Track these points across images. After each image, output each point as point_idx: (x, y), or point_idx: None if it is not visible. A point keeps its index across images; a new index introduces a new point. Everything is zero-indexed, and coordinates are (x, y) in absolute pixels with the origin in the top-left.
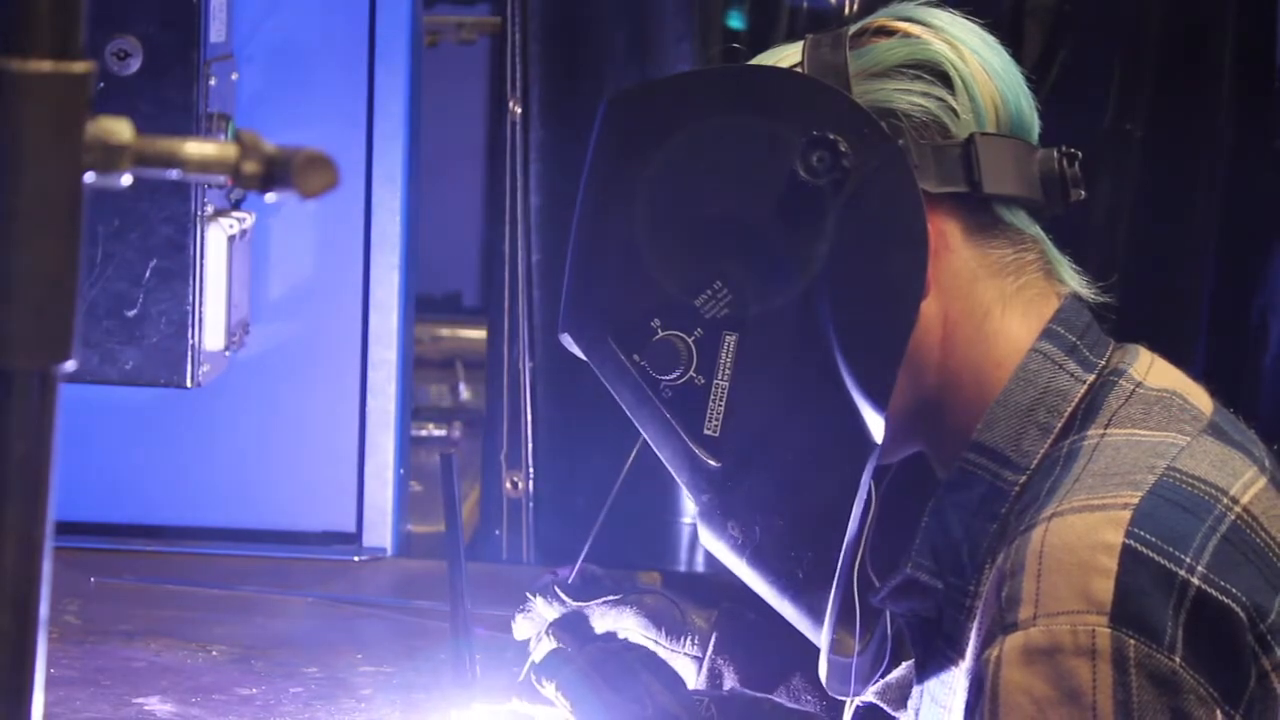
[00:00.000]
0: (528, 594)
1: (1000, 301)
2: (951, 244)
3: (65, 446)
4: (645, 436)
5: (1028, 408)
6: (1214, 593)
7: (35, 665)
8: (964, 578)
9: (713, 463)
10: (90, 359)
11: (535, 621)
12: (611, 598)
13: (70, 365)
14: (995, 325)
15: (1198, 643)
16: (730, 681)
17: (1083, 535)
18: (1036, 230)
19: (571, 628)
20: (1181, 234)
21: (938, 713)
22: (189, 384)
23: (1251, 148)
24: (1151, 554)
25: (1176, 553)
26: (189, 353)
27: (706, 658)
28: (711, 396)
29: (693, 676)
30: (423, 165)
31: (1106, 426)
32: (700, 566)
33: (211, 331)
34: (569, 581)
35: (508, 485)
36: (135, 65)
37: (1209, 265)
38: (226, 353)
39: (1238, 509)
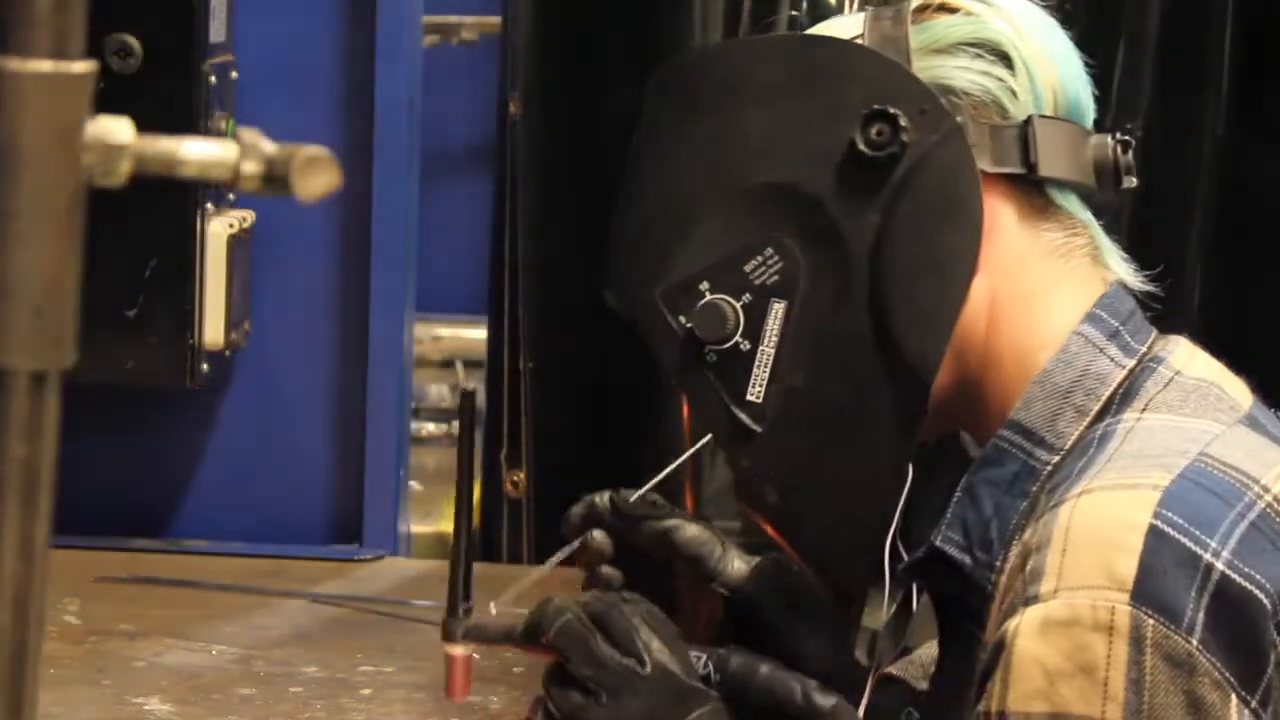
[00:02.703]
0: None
1: (1047, 284)
2: (1003, 224)
3: (65, 446)
4: (686, 400)
5: (1066, 389)
6: (1237, 578)
7: (35, 665)
8: (990, 554)
9: (754, 428)
10: (90, 359)
11: (580, 526)
12: (658, 517)
13: (70, 365)
14: (1041, 307)
15: (1217, 627)
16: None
17: (1110, 513)
18: (1087, 215)
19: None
20: (1182, 232)
21: (959, 688)
22: (189, 384)
23: (1251, 148)
24: (1177, 535)
25: (1203, 536)
26: (189, 353)
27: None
28: (756, 362)
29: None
30: (423, 165)
31: (1143, 411)
32: None
33: (211, 331)
34: (630, 500)
35: (508, 485)
36: (135, 65)
37: (1207, 262)
38: (226, 353)
39: (1269, 497)
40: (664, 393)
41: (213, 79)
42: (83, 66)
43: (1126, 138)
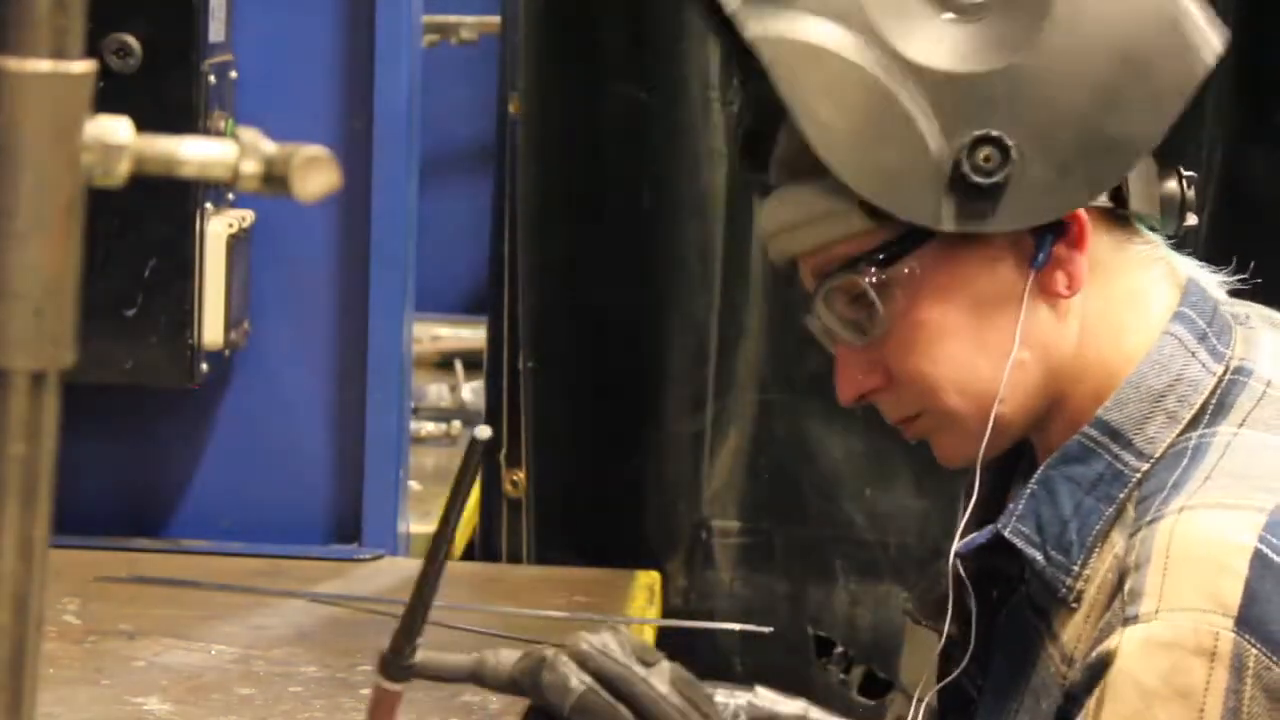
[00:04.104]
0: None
1: (1142, 291)
2: (1092, 242)
3: (65, 446)
4: None
5: (1159, 393)
6: None
7: (34, 665)
8: (1069, 557)
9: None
10: (90, 359)
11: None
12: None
13: (70, 365)
14: (1130, 315)
15: None
16: None
17: (1214, 534)
18: (1157, 237)
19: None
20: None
21: (1005, 668)
22: (189, 384)
23: (1251, 148)
24: None
25: None
26: (189, 353)
27: None
28: None
29: None
30: (423, 165)
31: (1240, 425)
32: (700, 567)
33: (211, 331)
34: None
35: (507, 485)
36: (135, 65)
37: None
38: (226, 353)
39: None
40: (663, 393)
41: (212, 79)
42: (83, 66)
43: (1192, 174)
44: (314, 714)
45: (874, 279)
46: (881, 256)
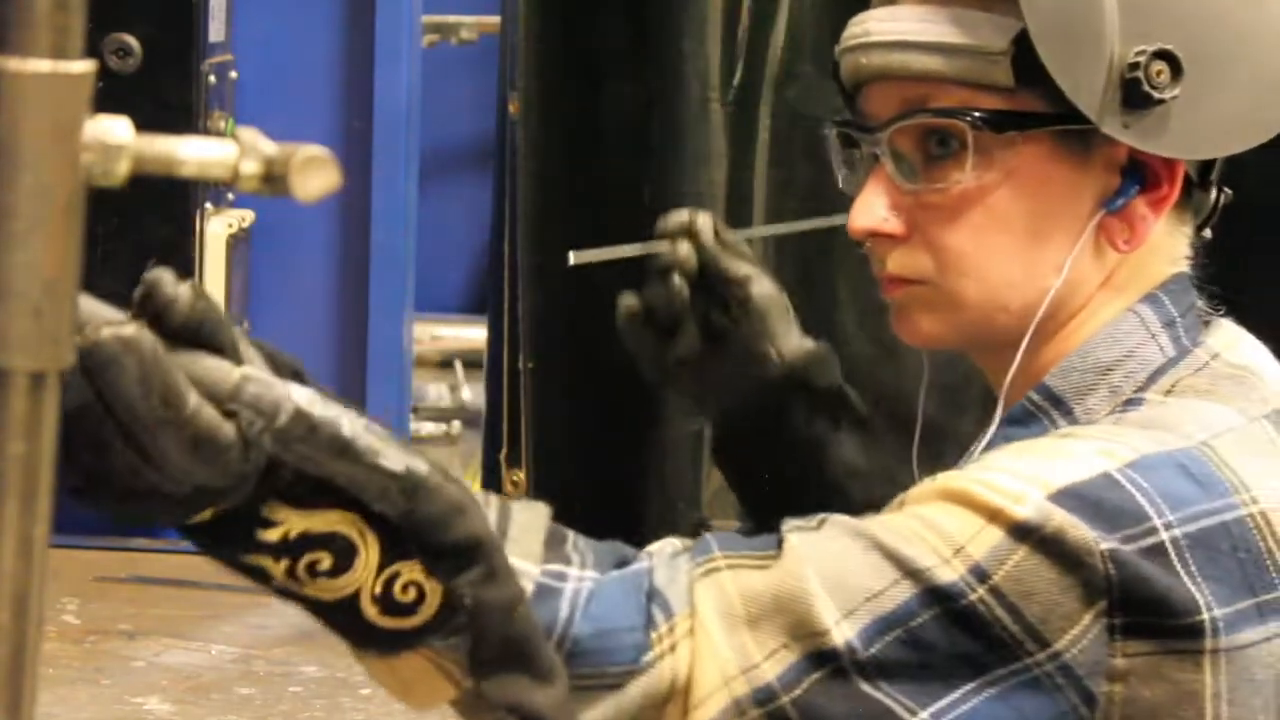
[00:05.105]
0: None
1: (1151, 280)
2: (1166, 215)
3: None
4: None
5: (1106, 366)
6: (1176, 563)
7: (34, 665)
8: None
9: None
10: None
11: (674, 231)
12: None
13: (70, 365)
14: (1130, 294)
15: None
16: None
17: (1074, 449)
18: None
19: None
20: None
21: None
22: None
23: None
24: (1132, 490)
25: (1164, 506)
26: None
27: None
28: None
29: None
30: (423, 165)
31: (1166, 394)
32: None
33: None
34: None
35: (507, 485)
36: (135, 65)
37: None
38: None
39: (1255, 509)
40: (663, 393)
41: (212, 79)
42: (83, 66)
43: (1230, 191)
44: (314, 714)
45: (976, 138)
46: (1000, 119)
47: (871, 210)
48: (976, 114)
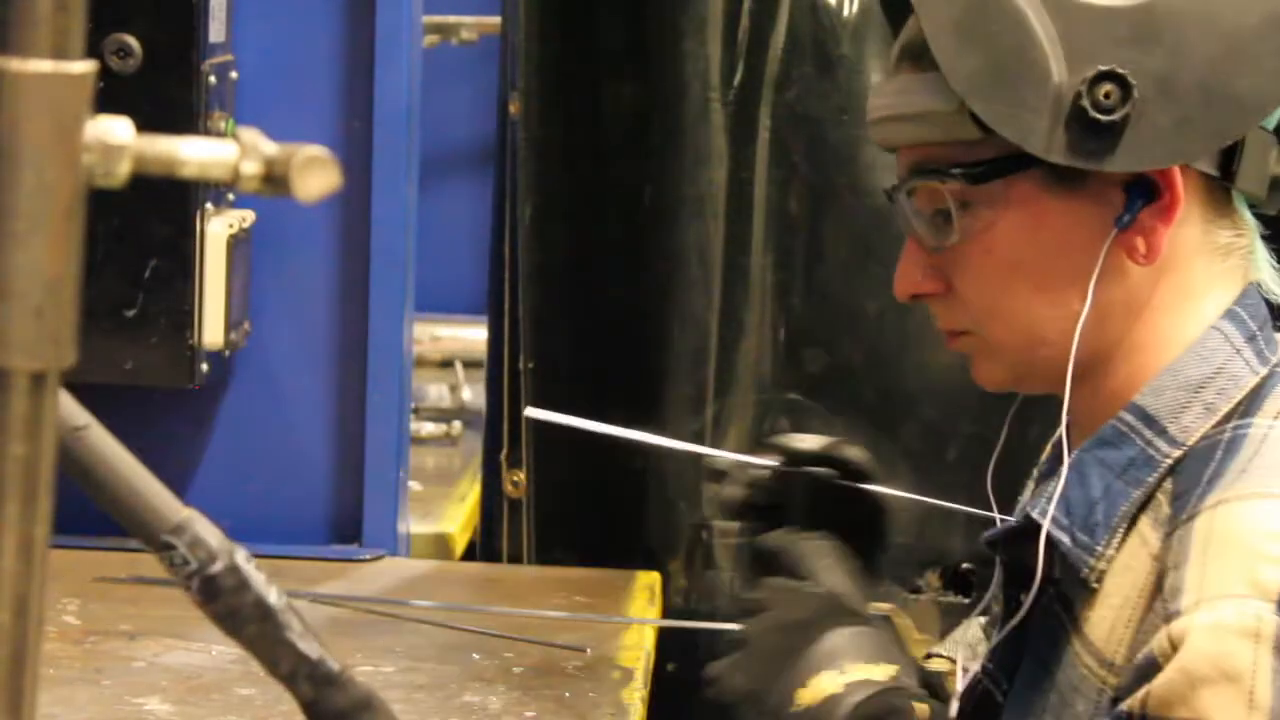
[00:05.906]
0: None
1: (1207, 283)
2: (1188, 218)
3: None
4: None
5: (1198, 384)
6: None
7: (34, 665)
8: (1093, 537)
9: None
10: (90, 359)
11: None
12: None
13: (70, 365)
14: (1194, 305)
15: None
16: None
17: (1250, 523)
18: (1251, 218)
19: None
20: None
21: (1034, 668)
22: (189, 384)
23: None
24: None
25: None
26: (189, 353)
27: None
28: None
29: None
30: (423, 165)
31: (1276, 418)
32: (700, 567)
33: (211, 332)
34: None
35: (508, 485)
36: (135, 65)
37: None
38: (226, 353)
39: None
40: (663, 393)
41: (212, 79)
42: (83, 66)
43: None
44: None
45: (961, 191)
46: (977, 171)
47: (907, 274)
48: (953, 170)
